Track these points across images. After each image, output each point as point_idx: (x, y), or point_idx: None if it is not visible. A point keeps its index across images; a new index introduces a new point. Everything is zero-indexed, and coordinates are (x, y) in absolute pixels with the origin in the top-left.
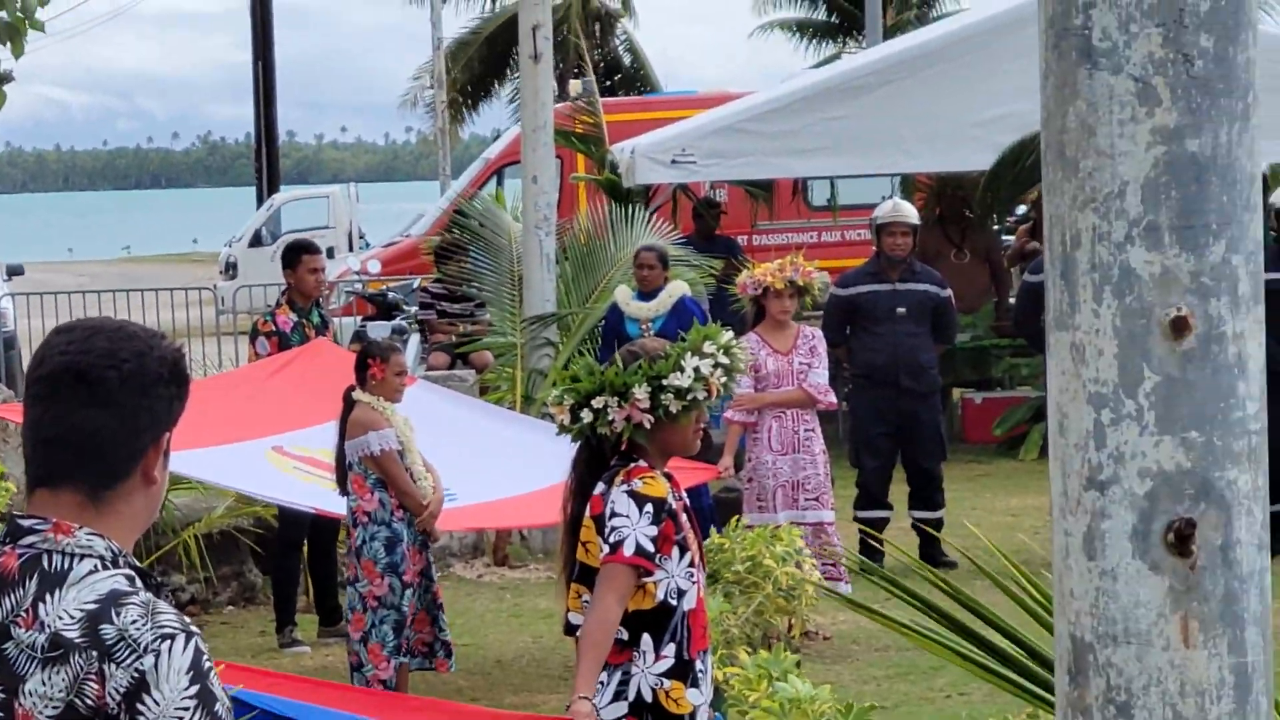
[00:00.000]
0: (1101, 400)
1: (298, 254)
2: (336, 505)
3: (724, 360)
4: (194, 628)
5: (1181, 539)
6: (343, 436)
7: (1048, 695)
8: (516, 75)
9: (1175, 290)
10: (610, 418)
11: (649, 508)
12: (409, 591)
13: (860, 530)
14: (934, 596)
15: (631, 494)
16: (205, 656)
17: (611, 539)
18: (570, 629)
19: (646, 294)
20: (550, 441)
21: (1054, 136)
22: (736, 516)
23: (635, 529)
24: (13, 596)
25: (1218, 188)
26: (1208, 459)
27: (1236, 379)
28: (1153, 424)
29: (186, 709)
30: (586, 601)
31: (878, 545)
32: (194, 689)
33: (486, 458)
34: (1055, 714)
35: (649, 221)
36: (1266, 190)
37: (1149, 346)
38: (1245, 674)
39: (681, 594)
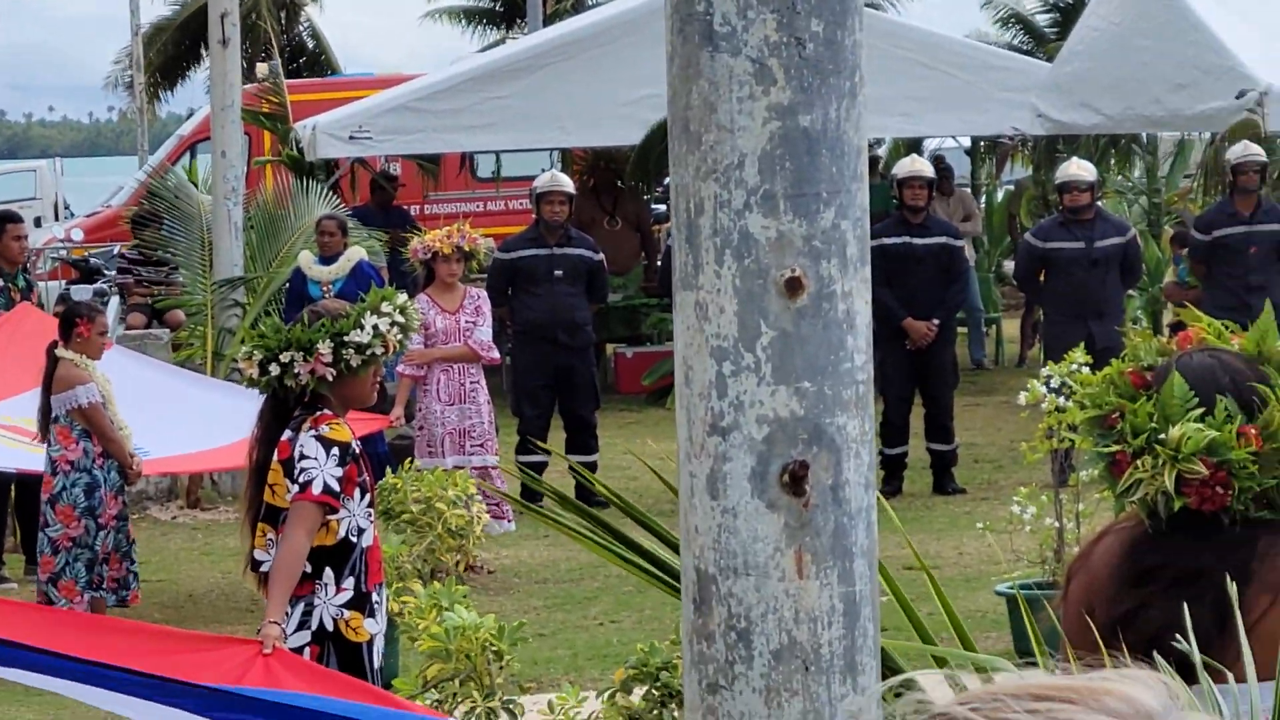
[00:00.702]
0: (723, 354)
1: (2, 224)
2: (39, 464)
3: (400, 319)
4: None
5: (796, 480)
6: (47, 390)
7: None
8: (209, 58)
9: (790, 253)
10: (296, 371)
11: (335, 451)
12: (103, 533)
13: (521, 472)
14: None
15: (319, 438)
16: None
17: (301, 479)
18: (255, 565)
19: (327, 259)
20: (234, 399)
21: (679, 113)
22: (410, 459)
23: (323, 470)
24: None
25: (828, 159)
26: (819, 406)
27: (846, 334)
28: (769, 375)
29: None
30: (271, 540)
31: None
32: None
33: (177, 416)
34: (681, 640)
35: (328, 193)
36: (878, 163)
37: (766, 304)
38: (854, 602)
39: (361, 532)
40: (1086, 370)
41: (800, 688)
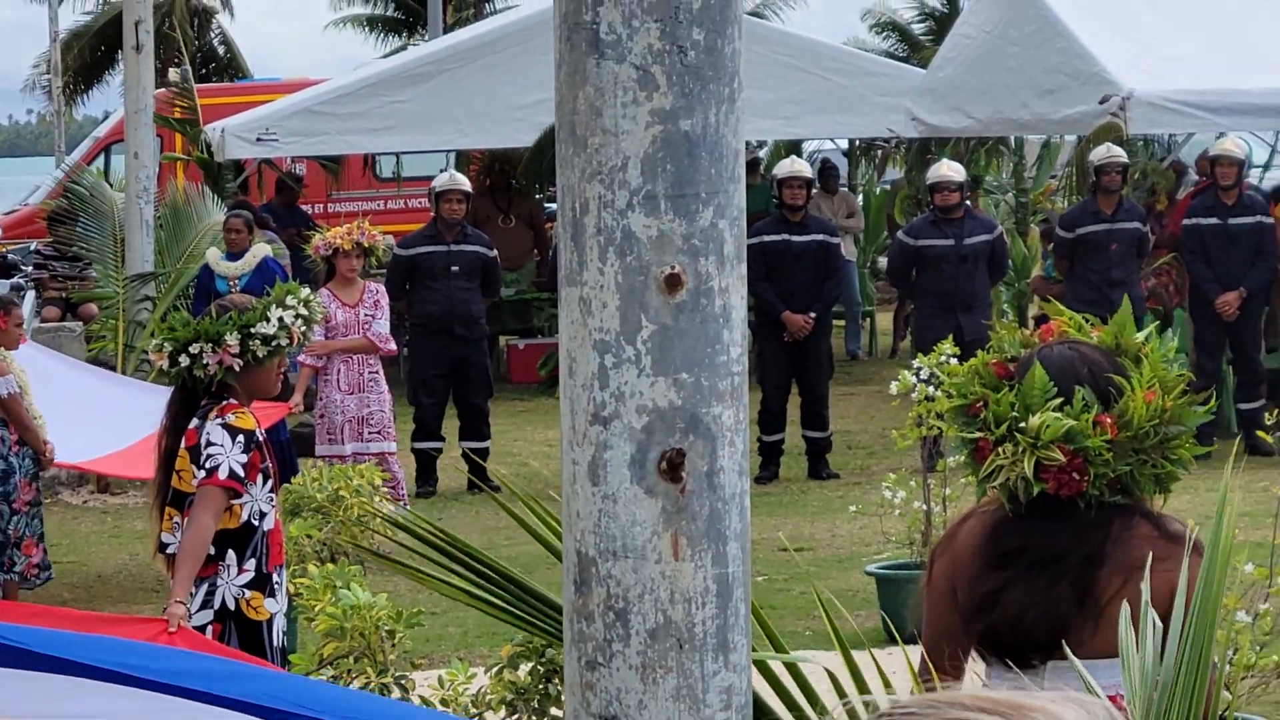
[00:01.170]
0: (605, 346)
1: None
2: None
3: (304, 312)
4: None
5: (673, 467)
6: None
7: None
8: (123, 64)
9: (670, 251)
10: (205, 362)
11: (241, 438)
12: (16, 518)
13: (417, 458)
14: (482, 515)
15: (226, 426)
16: None
17: (207, 464)
18: (162, 547)
19: (234, 255)
20: (142, 396)
21: (566, 117)
22: (314, 458)
23: (229, 456)
24: None
25: (707, 162)
26: (696, 397)
27: (722, 328)
28: (649, 367)
29: None
30: (177, 524)
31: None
32: None
33: (86, 418)
34: (563, 619)
35: (235, 191)
36: (759, 164)
37: (647, 300)
38: (727, 583)
39: (263, 515)
40: (954, 361)
41: (675, 665)
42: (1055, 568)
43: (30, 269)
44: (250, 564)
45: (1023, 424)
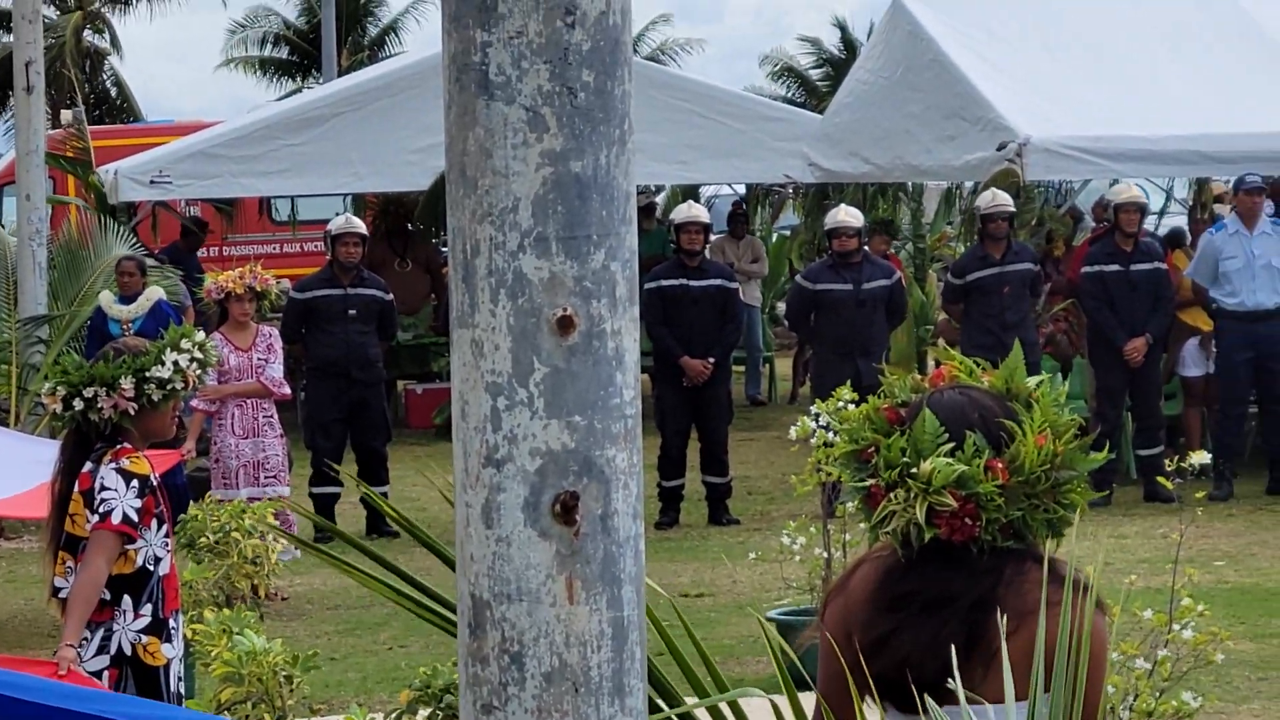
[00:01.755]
0: (497, 389)
1: None
2: None
3: (199, 355)
4: None
5: (567, 509)
6: None
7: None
8: (14, 105)
9: (561, 293)
10: (99, 406)
11: (135, 483)
12: None
13: (315, 503)
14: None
15: (120, 471)
16: None
17: (101, 509)
18: (55, 592)
19: (127, 298)
20: (36, 448)
21: (456, 159)
22: (209, 492)
23: (122, 501)
24: None
25: (598, 204)
26: (589, 439)
27: (615, 370)
28: (542, 409)
29: None
30: (70, 568)
31: (331, 518)
32: None
33: None
34: (458, 663)
35: (128, 234)
36: (654, 209)
37: (539, 342)
38: (622, 626)
39: (158, 560)
40: (851, 407)
41: (570, 708)
42: (947, 612)
43: None
44: (146, 609)
45: (914, 469)
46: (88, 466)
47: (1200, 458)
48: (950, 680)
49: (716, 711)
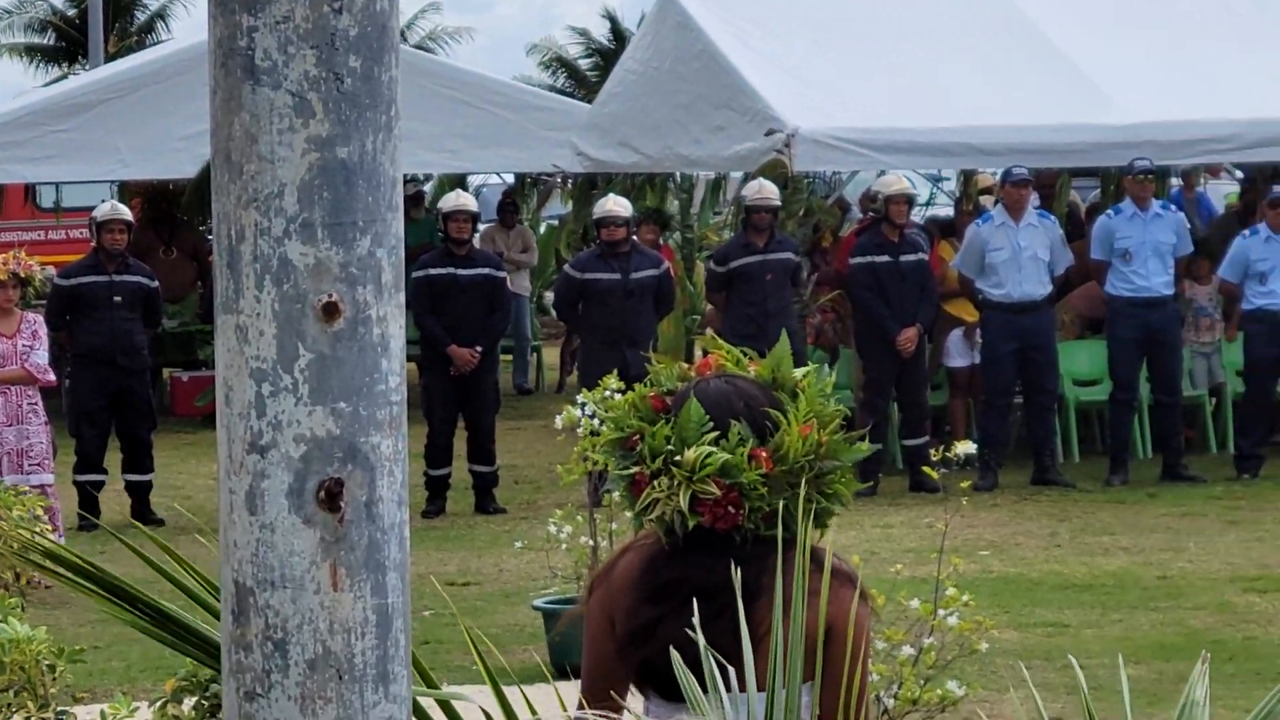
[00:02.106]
0: (262, 375)
1: None
2: None
3: None
4: None
5: (331, 496)
6: None
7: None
8: None
9: (327, 279)
10: None
11: None
12: None
13: (79, 491)
14: (147, 548)
15: None
16: None
17: None
18: None
19: None
20: None
21: (222, 144)
22: None
23: None
24: None
25: (364, 190)
26: (354, 426)
27: (380, 357)
28: (307, 396)
29: None
30: None
31: (93, 507)
32: None
33: None
34: (222, 651)
35: None
36: (423, 198)
37: (304, 328)
38: (386, 613)
39: None
40: (618, 396)
41: (334, 695)
42: (711, 601)
43: None
44: None
45: (678, 458)
46: None
47: (965, 448)
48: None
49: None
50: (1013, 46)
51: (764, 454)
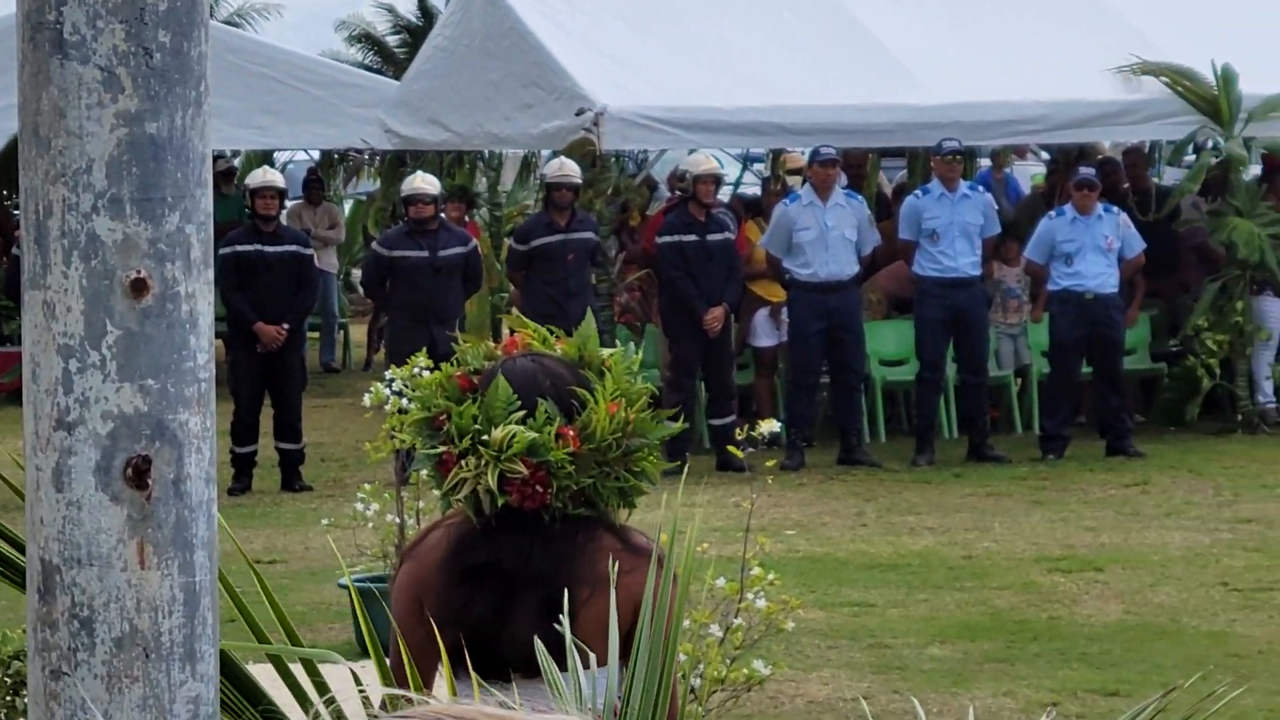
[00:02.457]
0: (70, 351)
1: None
2: None
3: None
4: None
5: (139, 473)
6: None
7: None
8: None
9: (135, 255)
10: None
11: None
12: None
13: None
14: None
15: None
16: None
17: None
18: None
19: None
20: None
21: (29, 118)
22: None
23: None
24: None
25: (174, 165)
26: (163, 403)
27: (189, 333)
28: (115, 372)
29: None
30: None
31: None
32: None
33: None
34: (27, 629)
35: None
36: (233, 174)
37: (112, 304)
38: (194, 591)
39: None
40: (426, 374)
41: (141, 674)
42: (521, 582)
43: None
44: None
45: (486, 437)
46: None
47: (770, 427)
48: (530, 651)
49: (287, 674)
50: (822, 27)
51: (571, 433)
